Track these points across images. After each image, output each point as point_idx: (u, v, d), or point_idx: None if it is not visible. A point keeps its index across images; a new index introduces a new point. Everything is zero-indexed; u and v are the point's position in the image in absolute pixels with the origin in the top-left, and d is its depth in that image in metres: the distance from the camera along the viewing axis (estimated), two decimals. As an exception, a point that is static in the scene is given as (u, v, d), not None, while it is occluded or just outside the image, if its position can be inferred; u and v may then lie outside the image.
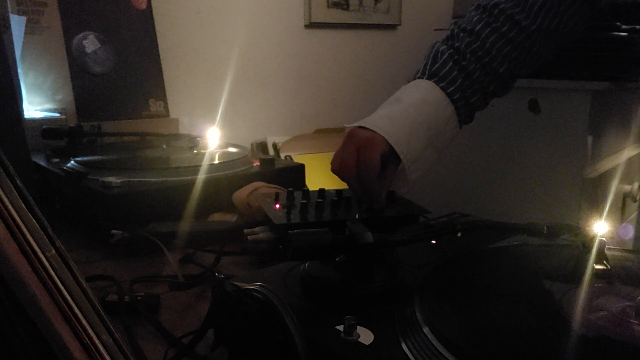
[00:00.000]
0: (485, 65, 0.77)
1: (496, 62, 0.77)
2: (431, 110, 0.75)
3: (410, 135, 0.72)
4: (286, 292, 0.46)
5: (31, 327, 0.26)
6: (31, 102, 1.15)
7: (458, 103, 0.76)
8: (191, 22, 1.36)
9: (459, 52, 0.77)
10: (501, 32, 0.77)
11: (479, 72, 0.77)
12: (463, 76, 0.76)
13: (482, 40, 0.77)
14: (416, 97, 0.75)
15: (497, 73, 0.77)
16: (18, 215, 0.26)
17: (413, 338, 0.37)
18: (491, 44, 0.77)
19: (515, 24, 0.77)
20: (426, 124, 0.74)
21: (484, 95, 0.79)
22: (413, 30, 1.76)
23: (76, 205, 0.85)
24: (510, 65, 0.78)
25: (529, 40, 0.77)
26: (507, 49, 0.77)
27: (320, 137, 1.41)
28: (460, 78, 0.76)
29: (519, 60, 0.78)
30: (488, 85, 0.78)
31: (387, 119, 0.72)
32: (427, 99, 0.75)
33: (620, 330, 0.38)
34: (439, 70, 0.77)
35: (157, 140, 1.12)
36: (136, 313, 0.56)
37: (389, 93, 0.81)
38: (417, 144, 0.73)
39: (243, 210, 0.80)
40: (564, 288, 0.43)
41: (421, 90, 0.76)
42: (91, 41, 1.20)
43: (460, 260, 0.51)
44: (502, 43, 0.77)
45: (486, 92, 0.78)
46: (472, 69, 0.76)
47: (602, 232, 0.47)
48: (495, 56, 0.77)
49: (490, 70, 0.77)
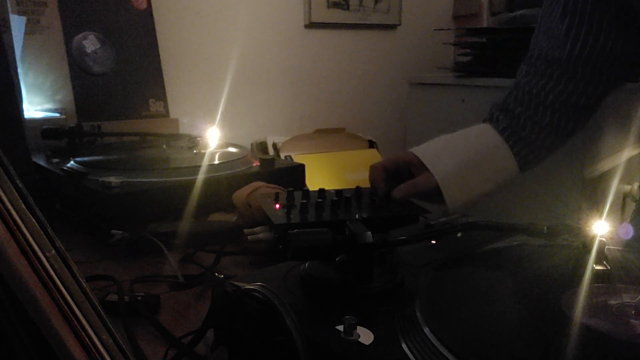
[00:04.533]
0: (526, 101, 0.80)
1: (540, 96, 0.79)
2: (471, 135, 0.79)
3: (442, 150, 0.76)
4: (286, 292, 0.46)
5: (31, 327, 0.26)
6: (31, 102, 1.15)
7: (505, 133, 0.78)
8: (191, 22, 1.36)
9: (503, 102, 0.82)
10: (536, 71, 0.80)
11: (520, 109, 0.80)
12: (505, 114, 0.80)
13: (522, 87, 0.81)
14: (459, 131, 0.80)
15: (545, 105, 0.79)
16: (18, 215, 0.26)
17: (413, 338, 0.37)
18: (530, 86, 0.80)
19: (548, 58, 0.79)
20: (463, 144, 0.78)
21: (541, 129, 0.80)
22: (413, 30, 1.76)
23: (76, 205, 0.85)
24: (558, 97, 0.79)
25: (566, 70, 0.79)
26: (548, 83, 0.79)
27: (320, 137, 1.41)
28: (502, 116, 0.80)
29: (568, 91, 0.79)
30: (541, 119, 0.79)
31: (427, 142, 0.79)
32: (469, 129, 0.80)
33: (620, 330, 0.38)
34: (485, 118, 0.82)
35: (157, 140, 1.12)
36: (136, 313, 0.56)
37: (389, 93, 0.83)
38: (451, 160, 0.75)
39: (243, 210, 0.80)
40: (564, 288, 0.43)
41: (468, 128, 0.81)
42: (91, 41, 1.20)
43: (460, 260, 0.51)
44: (540, 80, 0.80)
45: (541, 126, 0.79)
46: (512, 107, 0.80)
47: (602, 232, 0.47)
48: (538, 92, 0.79)
49: (534, 104, 0.79)
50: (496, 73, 1.26)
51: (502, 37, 1.31)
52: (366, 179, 0.82)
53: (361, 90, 1.68)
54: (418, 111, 1.42)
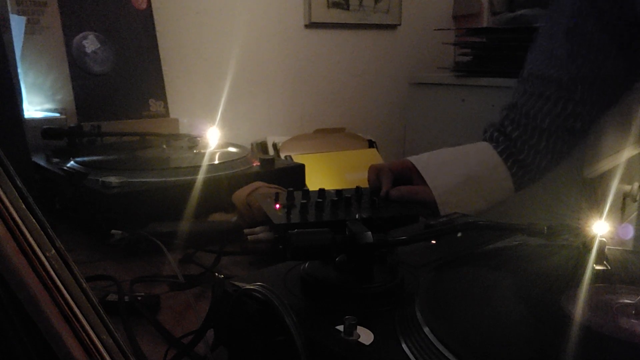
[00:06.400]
0: (523, 125, 0.81)
1: (537, 119, 0.80)
2: (471, 152, 0.81)
3: (442, 166, 0.79)
4: (286, 292, 0.46)
5: (31, 327, 0.26)
6: (31, 102, 1.15)
7: (504, 155, 0.80)
8: (191, 22, 1.36)
9: (501, 124, 0.84)
10: (533, 92, 0.81)
11: (517, 132, 0.81)
12: (503, 137, 0.82)
13: (519, 108, 0.82)
14: (461, 146, 0.83)
15: (542, 129, 0.80)
16: (18, 215, 0.26)
17: (413, 338, 0.37)
18: (527, 107, 0.81)
19: (547, 79, 0.80)
20: (463, 162, 0.80)
21: (537, 152, 0.81)
22: (413, 30, 1.76)
23: (76, 205, 0.85)
24: (554, 120, 0.80)
25: (565, 92, 0.79)
26: (545, 106, 0.80)
27: (320, 137, 1.41)
28: (501, 137, 0.82)
29: (565, 114, 0.80)
30: (537, 143, 0.81)
31: (427, 154, 0.82)
32: (469, 146, 0.83)
33: (620, 330, 0.38)
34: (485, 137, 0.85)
35: (157, 140, 1.12)
36: (136, 313, 0.56)
37: (389, 93, 0.85)
38: (450, 177, 0.78)
39: (243, 210, 0.79)
40: (564, 288, 0.43)
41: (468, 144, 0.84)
42: (91, 41, 1.20)
43: (460, 260, 0.51)
44: (537, 101, 0.81)
45: (537, 149, 0.81)
46: (510, 131, 0.82)
47: (602, 232, 0.47)
48: (534, 115, 0.81)
49: (531, 128, 0.81)
50: (496, 73, 1.26)
51: (502, 37, 1.30)
52: (366, 179, 0.83)
53: (361, 90, 1.68)
54: (418, 111, 1.42)
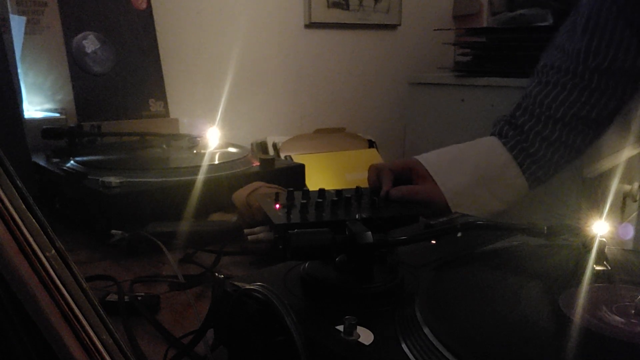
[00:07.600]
0: (536, 115, 0.78)
1: (550, 108, 0.78)
2: (481, 150, 0.78)
3: (452, 165, 0.76)
4: (286, 292, 0.46)
5: (31, 327, 0.26)
6: (31, 102, 1.15)
7: (514, 150, 0.78)
8: (191, 22, 1.36)
9: (512, 115, 0.81)
10: (548, 81, 0.79)
11: (529, 123, 0.78)
12: (513, 129, 0.79)
13: (533, 97, 0.79)
14: (469, 142, 0.80)
15: (555, 118, 0.78)
16: (18, 215, 0.26)
17: (413, 338, 0.37)
18: (541, 96, 0.79)
19: (562, 70, 0.78)
20: (473, 160, 0.77)
21: (549, 144, 0.78)
22: (413, 30, 1.76)
23: (76, 205, 0.85)
24: (568, 109, 0.77)
25: (580, 79, 0.77)
26: (561, 94, 0.77)
27: (320, 137, 1.41)
28: (511, 131, 0.79)
29: (580, 102, 0.78)
30: (550, 134, 0.78)
31: (435, 153, 0.79)
32: (479, 141, 0.80)
33: (620, 330, 0.38)
34: (494, 131, 0.81)
35: (157, 140, 1.12)
36: (136, 313, 0.56)
37: (389, 93, 0.84)
38: (461, 178, 0.75)
39: (243, 210, 0.79)
40: (563, 288, 0.43)
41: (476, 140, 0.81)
42: (91, 41, 1.20)
43: (460, 260, 0.51)
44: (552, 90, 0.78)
45: (550, 141, 0.78)
46: (522, 122, 0.79)
47: (602, 232, 0.47)
48: (549, 104, 0.78)
49: (544, 118, 0.78)
50: (496, 73, 1.26)
51: (502, 37, 1.31)
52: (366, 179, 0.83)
53: (361, 90, 1.68)
54: (418, 111, 1.42)
